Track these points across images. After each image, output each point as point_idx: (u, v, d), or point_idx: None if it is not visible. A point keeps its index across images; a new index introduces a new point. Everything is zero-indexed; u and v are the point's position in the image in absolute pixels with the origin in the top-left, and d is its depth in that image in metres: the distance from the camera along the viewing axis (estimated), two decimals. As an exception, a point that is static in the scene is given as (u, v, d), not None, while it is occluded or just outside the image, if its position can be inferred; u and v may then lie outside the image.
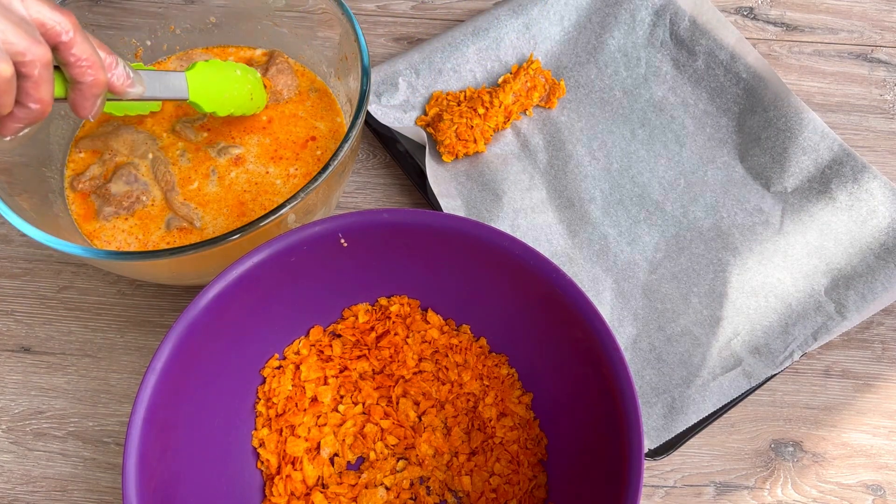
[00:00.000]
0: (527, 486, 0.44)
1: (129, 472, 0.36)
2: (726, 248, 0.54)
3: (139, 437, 0.37)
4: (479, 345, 0.48)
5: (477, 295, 0.46)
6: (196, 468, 0.42)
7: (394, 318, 0.48)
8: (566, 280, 0.41)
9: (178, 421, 0.40)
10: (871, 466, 0.49)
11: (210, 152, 0.53)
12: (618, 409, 0.38)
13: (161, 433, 0.38)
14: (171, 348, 0.39)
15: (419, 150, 0.58)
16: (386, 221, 0.43)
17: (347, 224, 0.42)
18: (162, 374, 0.38)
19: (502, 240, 0.42)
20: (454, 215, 0.43)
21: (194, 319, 0.40)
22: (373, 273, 0.46)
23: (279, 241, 0.41)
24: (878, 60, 0.65)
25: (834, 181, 0.55)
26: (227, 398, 0.45)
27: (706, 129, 0.59)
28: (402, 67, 0.60)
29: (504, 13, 0.62)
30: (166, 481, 0.39)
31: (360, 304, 0.48)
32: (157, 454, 0.38)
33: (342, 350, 0.48)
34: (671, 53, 0.62)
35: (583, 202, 0.56)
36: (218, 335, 0.42)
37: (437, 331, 0.48)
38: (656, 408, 0.48)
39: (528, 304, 0.44)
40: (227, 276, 0.40)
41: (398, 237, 0.44)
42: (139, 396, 0.37)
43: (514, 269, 0.42)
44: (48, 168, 0.52)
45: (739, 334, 0.51)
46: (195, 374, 0.41)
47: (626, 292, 0.53)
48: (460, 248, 0.43)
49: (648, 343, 0.51)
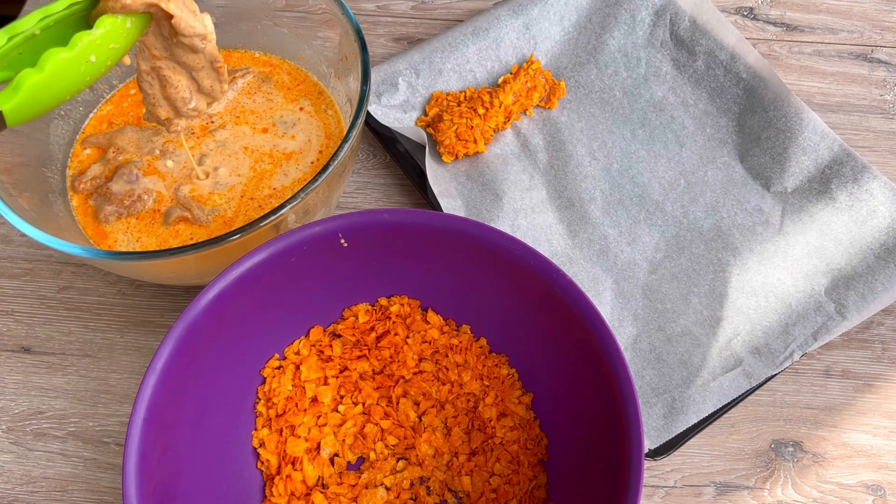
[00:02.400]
0: (527, 486, 0.44)
1: (130, 471, 0.36)
2: (726, 248, 0.54)
3: (139, 437, 0.37)
4: (479, 345, 0.48)
5: (477, 295, 0.46)
6: (196, 468, 0.41)
7: (394, 319, 0.48)
8: (567, 280, 0.41)
9: (179, 420, 0.40)
10: (872, 466, 0.49)
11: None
12: (618, 410, 0.38)
13: (161, 433, 0.38)
14: (172, 348, 0.39)
15: (419, 150, 0.58)
16: (386, 221, 0.43)
17: (347, 224, 0.42)
18: (162, 374, 0.38)
19: (503, 240, 0.42)
20: (455, 216, 0.43)
21: (194, 319, 0.40)
22: (373, 273, 0.46)
23: (279, 242, 0.41)
24: (878, 60, 0.65)
25: (834, 181, 0.55)
26: (228, 398, 0.45)
27: (706, 129, 0.60)
28: (402, 67, 0.60)
29: (504, 13, 0.62)
30: (166, 481, 0.39)
31: (361, 305, 0.48)
32: (157, 454, 0.38)
33: (342, 350, 0.48)
34: (671, 53, 0.62)
35: (583, 202, 0.56)
36: (218, 335, 0.42)
37: (438, 331, 0.48)
38: (656, 408, 0.48)
39: (528, 305, 0.44)
40: (228, 276, 0.40)
41: (399, 237, 0.44)
42: (139, 396, 0.37)
43: (514, 269, 0.42)
44: (48, 168, 0.52)
45: (739, 334, 0.51)
46: (196, 374, 0.41)
47: (626, 292, 0.53)
48: (461, 248, 0.43)
49: (648, 343, 0.51)
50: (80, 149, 0.54)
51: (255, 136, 0.55)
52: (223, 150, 0.54)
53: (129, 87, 0.57)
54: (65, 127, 0.54)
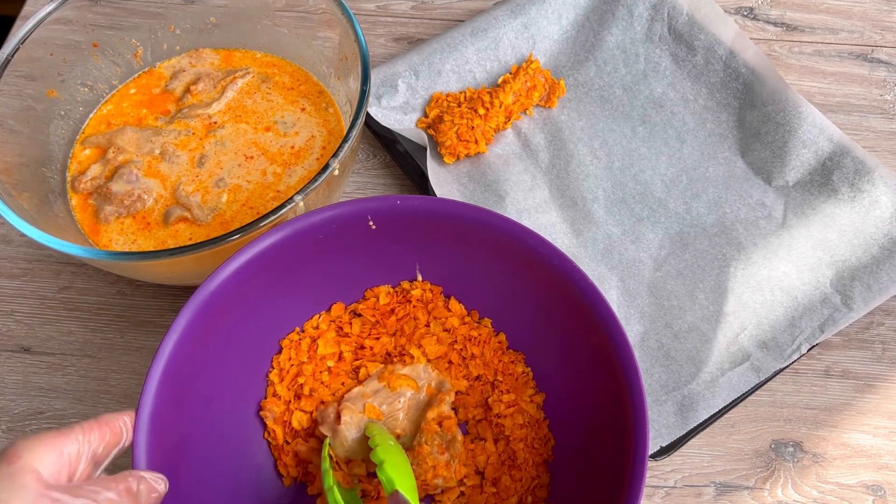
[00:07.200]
0: (529, 485, 0.45)
1: (142, 426, 0.37)
2: (730, 243, 0.54)
3: (154, 393, 0.38)
4: (497, 339, 0.48)
5: (501, 290, 0.47)
6: (206, 428, 0.42)
7: (414, 303, 0.48)
8: (588, 283, 0.41)
9: (194, 380, 0.41)
10: (872, 467, 0.49)
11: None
12: (626, 417, 0.38)
13: (176, 391, 0.39)
14: (195, 310, 0.40)
15: (419, 150, 0.58)
16: (416, 208, 0.44)
17: (377, 207, 0.43)
18: (183, 335, 0.39)
19: (529, 237, 0.42)
20: (486, 209, 0.43)
21: (221, 284, 0.40)
22: (397, 257, 0.47)
23: (310, 217, 0.42)
24: (878, 60, 0.65)
25: (835, 173, 0.55)
26: (244, 363, 0.45)
27: (706, 124, 0.60)
28: (401, 69, 0.60)
29: (502, 13, 0.62)
30: (177, 437, 0.40)
31: (383, 286, 0.49)
32: (170, 410, 0.39)
33: (361, 329, 0.48)
34: (670, 49, 0.62)
35: (586, 201, 0.56)
36: (241, 302, 0.43)
37: (458, 319, 0.48)
38: (667, 405, 0.48)
39: (549, 305, 0.44)
40: (258, 245, 0.41)
41: (426, 224, 0.44)
42: (158, 353, 0.38)
43: (539, 268, 0.43)
44: (48, 168, 0.52)
45: (746, 329, 0.51)
46: (215, 338, 0.42)
47: (632, 290, 0.53)
48: (488, 241, 0.44)
49: (656, 340, 0.51)
50: (80, 149, 0.54)
51: (256, 135, 0.54)
52: (223, 150, 0.54)
53: (129, 86, 0.57)
54: (65, 127, 0.54)
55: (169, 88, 0.57)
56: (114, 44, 0.56)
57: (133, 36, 0.56)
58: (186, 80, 0.57)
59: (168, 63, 0.58)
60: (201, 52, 0.58)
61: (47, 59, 0.52)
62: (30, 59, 0.50)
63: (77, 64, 0.54)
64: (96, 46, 0.55)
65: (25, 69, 0.50)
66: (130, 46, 0.57)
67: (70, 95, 0.54)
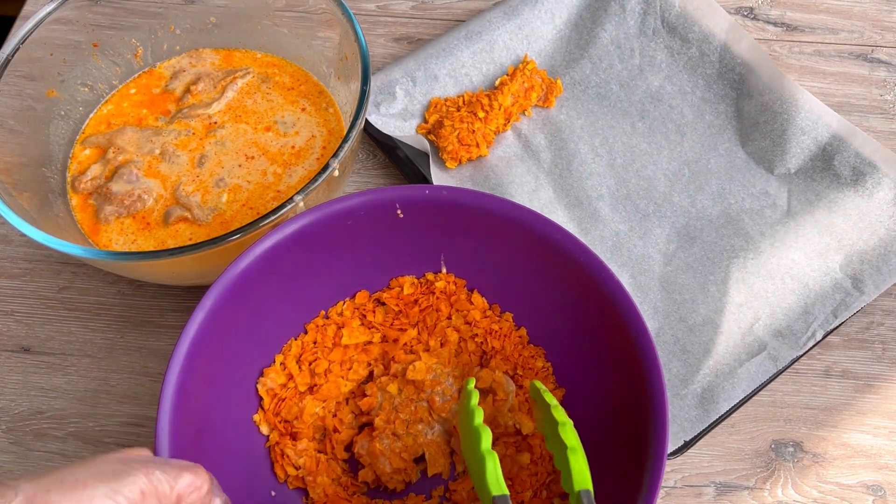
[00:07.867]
0: (544, 479, 0.45)
1: (166, 402, 0.37)
2: (737, 234, 0.54)
3: (180, 369, 0.38)
4: (518, 334, 0.48)
5: (523, 284, 0.47)
6: (228, 406, 0.43)
7: (438, 294, 0.48)
8: (615, 283, 0.41)
9: (219, 359, 0.41)
10: (872, 467, 0.49)
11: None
12: (646, 412, 0.38)
13: (200, 369, 0.40)
14: (222, 290, 0.40)
15: (420, 155, 0.58)
16: (444, 198, 0.44)
17: (406, 195, 0.44)
18: (209, 314, 0.40)
19: (556, 232, 0.43)
20: (515, 203, 0.44)
21: (248, 266, 0.41)
22: (423, 247, 0.47)
23: (339, 203, 0.43)
24: (878, 60, 0.65)
25: (836, 158, 0.56)
26: (267, 344, 0.46)
27: (705, 116, 0.60)
28: (398, 76, 0.60)
29: (496, 16, 0.62)
30: (200, 413, 0.40)
31: (407, 277, 0.49)
32: (195, 387, 0.39)
33: (384, 318, 0.49)
34: (664, 41, 0.62)
35: (591, 200, 0.56)
36: (268, 282, 0.43)
37: (480, 313, 0.48)
38: (687, 399, 0.48)
39: (573, 302, 0.44)
40: (286, 229, 0.42)
41: (454, 215, 0.45)
42: (185, 330, 0.39)
43: (565, 264, 0.43)
44: (48, 168, 0.52)
45: (760, 318, 0.51)
46: (240, 318, 0.42)
47: (643, 286, 0.53)
48: (514, 235, 0.44)
49: (672, 335, 0.51)
50: (80, 149, 0.54)
51: (257, 135, 0.55)
52: (223, 150, 0.54)
53: (129, 86, 0.57)
54: (65, 127, 0.54)
55: (169, 88, 0.57)
56: (114, 44, 0.56)
57: (133, 36, 0.56)
58: (186, 80, 0.57)
59: (168, 63, 0.58)
60: (201, 52, 0.59)
61: (47, 59, 0.52)
62: (30, 59, 0.50)
63: (77, 64, 0.54)
64: (96, 46, 0.55)
65: (25, 69, 0.50)
66: (130, 46, 0.57)
67: (70, 95, 0.54)
